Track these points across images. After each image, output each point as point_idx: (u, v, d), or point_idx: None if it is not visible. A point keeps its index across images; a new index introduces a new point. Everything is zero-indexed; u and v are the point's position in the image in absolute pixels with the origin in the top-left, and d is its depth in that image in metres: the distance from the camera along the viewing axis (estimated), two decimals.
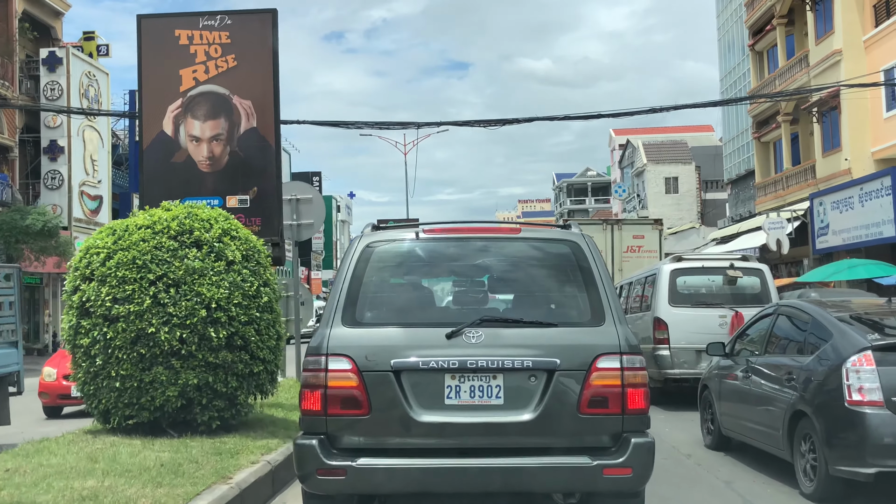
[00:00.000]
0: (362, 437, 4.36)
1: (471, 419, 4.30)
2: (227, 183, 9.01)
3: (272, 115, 9.01)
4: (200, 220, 7.45)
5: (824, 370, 6.10)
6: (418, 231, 4.91)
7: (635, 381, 4.33)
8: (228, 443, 6.88)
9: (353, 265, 4.65)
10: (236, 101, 9.08)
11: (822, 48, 27.17)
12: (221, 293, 7.11)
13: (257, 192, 9.00)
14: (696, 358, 11.02)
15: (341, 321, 4.47)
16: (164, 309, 6.99)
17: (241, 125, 9.05)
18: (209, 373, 7.08)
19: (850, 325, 6.24)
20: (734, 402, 7.74)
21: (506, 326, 4.47)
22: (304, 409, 4.40)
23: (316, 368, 4.36)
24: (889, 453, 5.51)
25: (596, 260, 4.69)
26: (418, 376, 4.33)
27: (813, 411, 6.06)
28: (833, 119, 26.66)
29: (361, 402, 4.29)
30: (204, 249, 7.30)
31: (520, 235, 4.91)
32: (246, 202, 9.00)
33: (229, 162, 9.05)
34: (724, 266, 11.80)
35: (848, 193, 23.47)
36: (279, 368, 7.90)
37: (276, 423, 8.02)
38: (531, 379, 4.32)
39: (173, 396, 7.02)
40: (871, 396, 5.62)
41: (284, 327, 8.16)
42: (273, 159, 9.00)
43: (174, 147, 9.10)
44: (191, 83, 9.11)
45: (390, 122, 19.44)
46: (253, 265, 7.51)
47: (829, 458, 5.81)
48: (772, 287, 11.76)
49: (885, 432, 5.52)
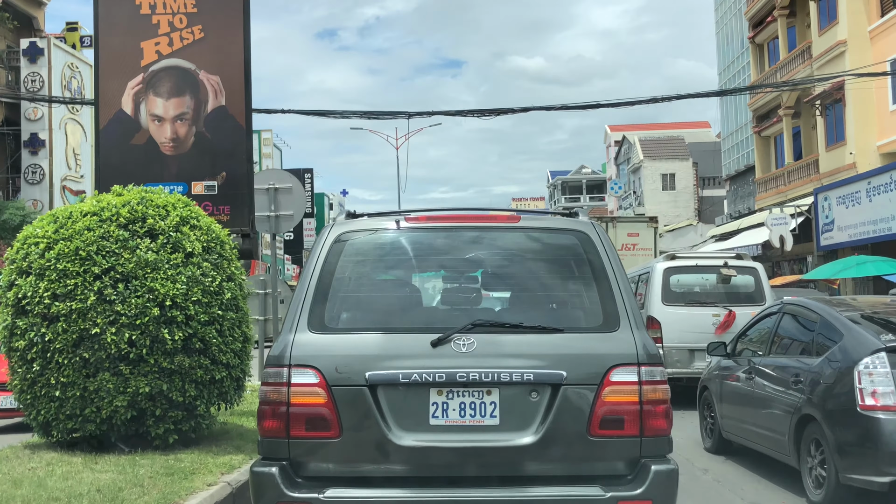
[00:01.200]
0: (332, 464, 3.73)
1: (460, 442, 3.70)
2: (192, 167, 8.12)
3: (242, 93, 8.13)
4: (155, 207, 6.57)
5: (834, 372, 5.75)
6: (400, 219, 4.24)
7: (655, 398, 3.73)
8: (185, 460, 6.02)
9: (322, 259, 3.98)
10: (203, 76, 8.19)
11: (825, 39, 26.44)
12: (178, 289, 6.24)
13: (226, 177, 8.12)
14: (689, 357, 10.96)
15: (307, 326, 3.81)
16: (110, 307, 6.12)
17: (209, 103, 8.16)
18: (163, 380, 6.21)
19: (862, 324, 5.91)
20: (736, 404, 7.42)
21: (502, 332, 3.84)
22: (263, 431, 3.75)
23: (277, 382, 3.72)
24: None
25: (608, 253, 4.04)
26: (398, 392, 3.72)
27: (822, 416, 5.73)
28: (837, 112, 25.92)
29: (330, 423, 3.67)
30: (159, 240, 6.42)
31: (519, 224, 4.23)
32: (213, 188, 8.11)
33: (195, 144, 8.16)
34: (717, 265, 11.65)
35: (855, 188, 22.69)
36: (246, 374, 7.02)
37: (244, 436, 7.14)
38: (532, 394, 3.73)
39: (122, 407, 6.14)
40: (886, 401, 5.32)
41: (253, 328, 7.24)
42: (244, 141, 8.11)
43: (134, 127, 8.20)
44: (153, 57, 8.21)
45: (379, 112, 18.56)
46: (215, 258, 6.63)
47: (839, 465, 5.48)
48: (766, 286, 11.59)
49: None
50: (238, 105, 8.13)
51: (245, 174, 8.09)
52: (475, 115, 18.68)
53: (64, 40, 34.42)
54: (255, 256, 8.22)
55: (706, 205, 50.60)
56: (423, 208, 4.58)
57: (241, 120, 8.10)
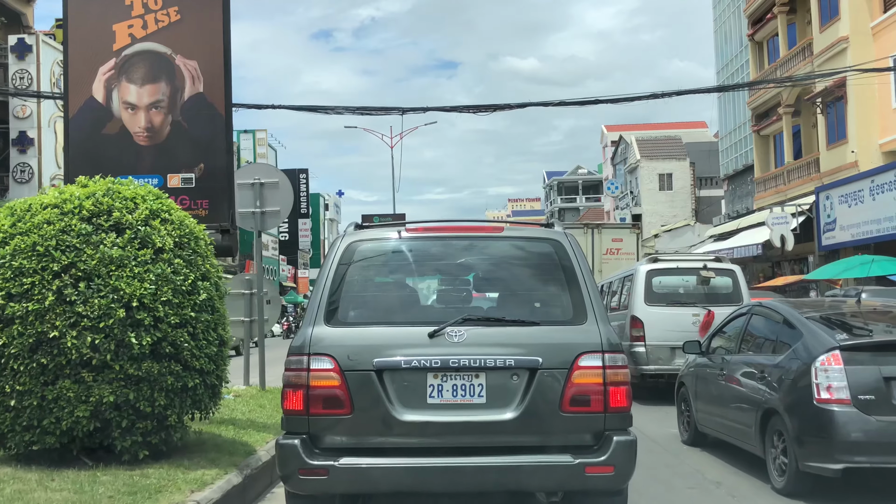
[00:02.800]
0: (344, 437, 4.38)
1: (453, 418, 4.33)
2: (168, 158, 7.59)
3: (222, 79, 7.60)
4: (123, 199, 6.04)
5: (795, 369, 6.25)
6: (401, 230, 4.92)
7: (617, 380, 4.36)
8: (152, 476, 5.49)
9: (336, 264, 4.66)
10: (180, 61, 7.66)
11: (826, 36, 26.03)
12: (146, 288, 5.71)
13: (204, 169, 7.59)
14: (670, 354, 11.47)
15: (324, 320, 4.47)
16: (71, 308, 5.59)
17: (186, 90, 7.63)
18: (130, 388, 5.68)
19: (820, 324, 6.42)
20: (709, 399, 7.87)
21: (488, 325, 4.49)
22: (287, 409, 4.41)
23: (298, 368, 4.37)
24: (856, 449, 5.71)
25: (578, 259, 4.69)
26: (400, 375, 4.35)
27: (784, 409, 6.21)
28: (839, 110, 25.49)
29: (343, 402, 4.31)
30: (126, 234, 5.89)
31: (502, 234, 4.98)
32: (190, 181, 7.58)
33: (171, 134, 7.63)
34: (697, 267, 12.22)
35: (857, 186, 22.24)
36: (223, 381, 6.48)
37: (222, 447, 6.61)
38: (513, 378, 4.36)
39: (84, 418, 5.61)
40: (839, 395, 5.80)
41: (231, 331, 6.71)
42: (223, 130, 7.58)
43: (106, 116, 7.66)
44: (126, 40, 7.67)
45: (373, 108, 18.05)
46: (188, 254, 6.10)
47: (798, 454, 5.97)
48: (743, 287, 12.13)
49: (851, 429, 5.71)
50: (217, 92, 7.60)
51: (225, 166, 7.56)
52: (470, 110, 18.18)
53: (53, 37, 33.77)
54: (236, 253, 7.66)
55: (703, 205, 50.19)
56: (419, 220, 5.30)
57: (220, 108, 7.58)
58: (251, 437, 7.22)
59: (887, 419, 5.67)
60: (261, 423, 8.10)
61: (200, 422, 6.73)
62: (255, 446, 6.91)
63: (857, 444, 5.71)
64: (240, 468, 6.03)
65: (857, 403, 5.75)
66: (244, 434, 7.34)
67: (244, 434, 7.34)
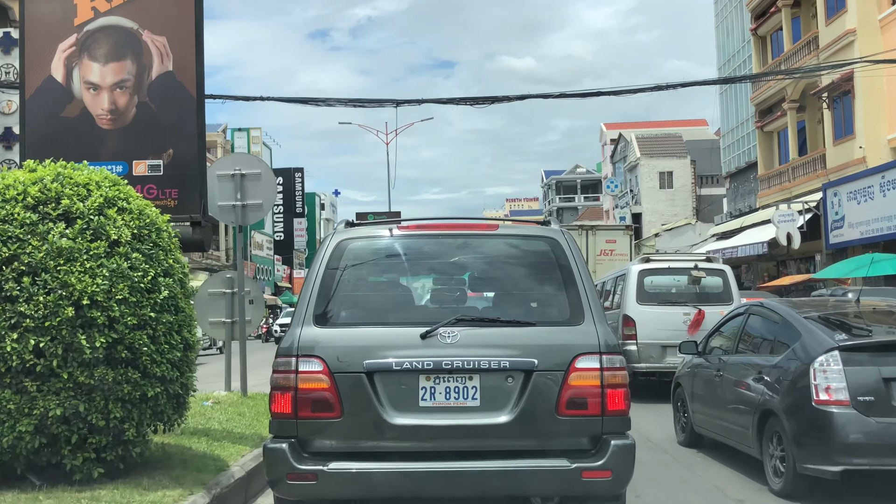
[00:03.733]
0: (334, 441, 4.28)
1: (446, 421, 4.24)
2: (134, 143, 6.91)
3: (193, 56, 6.92)
4: (74, 186, 5.37)
5: (793, 370, 6.19)
6: (393, 227, 4.81)
7: (615, 382, 4.27)
8: (103, 498, 4.82)
9: (325, 263, 4.56)
10: (147, 37, 6.98)
11: (833, 29, 25.39)
12: (99, 285, 5.04)
13: (173, 155, 6.91)
14: (661, 353, 11.71)
15: (312, 321, 4.38)
16: (12, 306, 4.92)
17: (153, 68, 6.95)
18: (80, 398, 5.01)
19: (819, 324, 6.34)
20: (706, 400, 7.79)
21: (482, 326, 4.41)
22: (274, 412, 4.31)
23: (286, 370, 4.27)
24: (855, 451, 5.65)
25: (575, 257, 4.60)
26: (392, 378, 4.26)
27: (781, 410, 6.14)
28: (846, 104, 24.85)
29: (333, 405, 4.23)
30: (77, 225, 5.22)
31: (497, 232, 4.86)
32: (158, 168, 6.90)
33: (137, 116, 6.95)
34: (688, 267, 12.44)
35: (867, 182, 21.59)
36: (189, 389, 5.81)
37: (190, 463, 5.93)
38: (508, 380, 4.28)
39: (27, 433, 4.94)
40: (838, 396, 5.74)
41: (198, 333, 6.02)
42: (194, 113, 6.90)
43: (66, 97, 6.98)
44: (88, 14, 6.98)
45: (366, 100, 17.39)
46: (148, 248, 5.43)
47: (797, 456, 5.90)
48: (733, 286, 12.34)
49: (850, 431, 5.66)
50: (188, 71, 6.92)
51: (196, 152, 6.88)
52: (468, 102, 17.50)
53: None
54: (208, 248, 6.98)
55: (704, 203, 49.56)
56: (413, 217, 5.23)
57: (191, 88, 6.90)
58: (225, 451, 6.54)
59: (887, 420, 5.60)
60: (237, 433, 7.42)
61: (166, 434, 6.04)
62: (229, 461, 6.24)
63: (856, 446, 5.66)
64: (207, 487, 5.36)
65: (857, 405, 5.69)
66: (217, 447, 6.65)
67: (217, 447, 6.65)
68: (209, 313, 10.06)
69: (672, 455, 7.97)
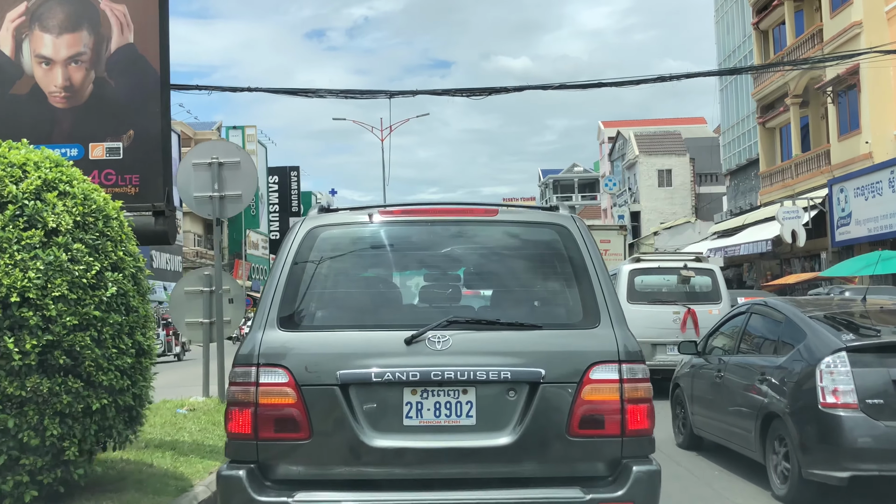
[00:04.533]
0: (302, 467, 3.66)
1: (436, 443, 3.63)
2: (90, 124, 6.20)
3: (157, 26, 6.22)
4: (8, 166, 4.66)
5: (798, 371, 5.97)
6: (373, 213, 4.11)
7: (637, 396, 3.67)
8: None
9: (293, 255, 3.91)
10: (105, 5, 6.26)
11: (838, 21, 24.80)
12: (32, 280, 4.34)
13: (134, 136, 6.20)
14: (651, 350, 11.72)
15: (277, 323, 3.74)
16: None
17: (112, 40, 6.24)
18: (9, 412, 4.30)
19: (825, 325, 6.10)
20: (706, 401, 7.60)
21: (479, 329, 3.74)
22: (231, 433, 3.67)
23: (245, 382, 3.63)
24: (863, 456, 5.44)
25: (589, 248, 4.00)
26: (371, 391, 3.64)
27: (786, 413, 5.95)
28: (851, 99, 24.25)
29: (300, 424, 3.60)
30: (8, 210, 4.51)
31: (496, 218, 4.15)
32: (118, 152, 6.18)
33: (94, 93, 6.24)
34: (678, 266, 12.64)
35: (875, 178, 20.97)
36: (144, 400, 5.10)
37: (147, 483, 5.23)
38: (510, 393, 3.67)
39: None
40: (846, 399, 5.52)
41: (156, 336, 5.31)
42: (157, 89, 6.19)
43: (15, 73, 6.27)
44: None
45: (357, 91, 16.69)
46: (94, 238, 4.72)
47: (802, 461, 5.71)
48: (722, 286, 12.57)
49: (859, 435, 5.44)
50: (151, 43, 6.21)
51: (160, 133, 6.17)
52: (464, 93, 16.84)
53: None
54: (173, 240, 6.26)
55: (703, 202, 48.97)
56: (399, 203, 4.36)
57: (154, 62, 6.19)
58: (191, 467, 5.85)
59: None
60: (209, 445, 6.72)
61: (118, 451, 5.34)
62: (193, 479, 5.55)
63: (864, 451, 5.43)
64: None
65: (865, 408, 5.47)
66: (183, 462, 5.96)
67: (183, 462, 5.96)
68: (186, 313, 9.40)
69: (671, 457, 7.62)
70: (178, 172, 8.92)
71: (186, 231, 47.61)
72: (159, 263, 38.85)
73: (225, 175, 8.90)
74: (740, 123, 36.27)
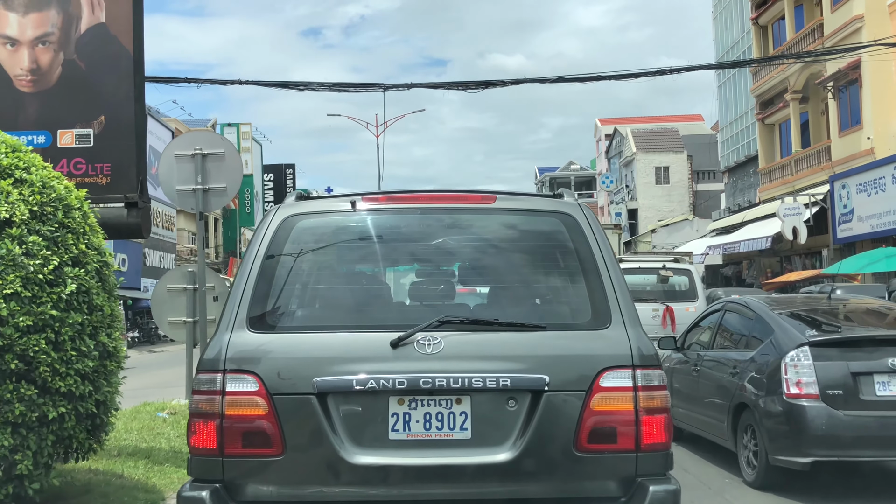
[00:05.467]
0: (273, 487, 3.23)
1: (425, 460, 3.21)
2: (59, 109, 5.80)
3: (129, 4, 5.81)
4: None
5: (765, 364, 6.36)
6: (356, 200, 3.72)
7: (653, 405, 3.24)
8: None
9: (266, 247, 3.51)
10: None
11: (839, 15, 24.47)
12: None
13: (106, 122, 5.80)
14: None
15: (246, 324, 3.31)
16: None
17: (82, 20, 5.84)
18: None
19: (791, 321, 6.53)
20: (684, 394, 7.84)
21: (475, 330, 3.32)
22: (194, 447, 3.24)
23: (209, 390, 3.21)
24: (824, 443, 5.83)
25: (598, 239, 3.60)
26: (352, 401, 3.22)
27: (754, 404, 6.28)
28: (852, 94, 23.91)
29: (272, 438, 3.18)
30: None
31: (494, 206, 3.77)
32: (88, 139, 5.78)
33: (63, 77, 5.84)
34: (657, 267, 13.29)
35: (878, 174, 20.64)
36: (110, 407, 4.69)
37: (113, 497, 4.83)
38: (509, 403, 3.25)
39: None
40: (808, 390, 5.92)
41: (122, 338, 4.90)
42: (130, 72, 5.79)
43: None
44: None
45: (350, 84, 16.28)
46: (52, 230, 4.32)
47: (769, 448, 6.06)
48: (698, 285, 13.32)
49: (820, 424, 5.82)
50: (124, 22, 5.81)
51: (133, 118, 5.77)
52: (460, 87, 16.45)
53: None
54: (147, 234, 5.84)
55: (701, 199, 48.69)
56: (385, 191, 3.92)
57: (127, 43, 5.79)
58: (165, 478, 5.46)
59: (854, 413, 5.79)
60: (187, 452, 6.30)
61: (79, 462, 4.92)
62: (165, 491, 5.15)
63: (825, 438, 5.82)
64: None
65: (826, 398, 5.87)
66: (157, 472, 5.56)
67: (157, 472, 5.56)
68: (168, 311, 8.99)
69: None
70: (160, 164, 8.52)
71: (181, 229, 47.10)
72: (152, 261, 38.33)
73: (209, 167, 8.42)
74: (739, 120, 35.97)
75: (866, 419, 5.80)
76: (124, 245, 29.18)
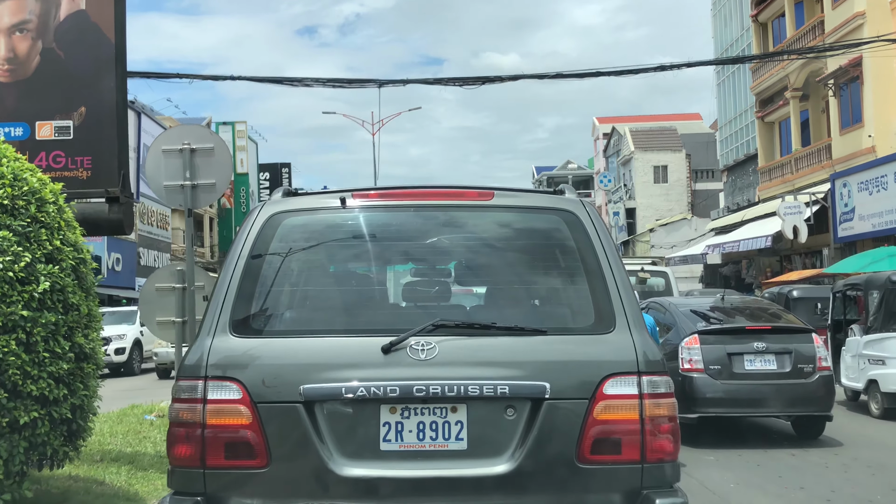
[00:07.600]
0: (258, 500, 3.07)
1: (419, 472, 3.05)
2: (37, 100, 5.57)
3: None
4: None
5: (670, 347, 8.82)
6: (346, 196, 3.53)
7: (660, 414, 3.10)
8: None
9: (250, 246, 3.31)
10: None
11: (840, 12, 24.26)
12: None
13: (86, 114, 5.57)
14: None
15: (229, 328, 3.15)
16: None
17: (62, 7, 5.61)
18: None
19: (688, 316, 9.24)
20: None
21: (471, 335, 3.16)
22: (174, 458, 3.09)
23: (190, 399, 3.07)
24: (707, 403, 8.55)
25: (601, 237, 3.41)
26: (341, 410, 3.08)
27: None
28: (853, 91, 23.70)
29: (256, 449, 3.04)
30: None
31: (492, 203, 3.57)
32: (67, 131, 5.55)
33: (42, 66, 5.61)
34: (636, 269, 14.44)
35: (880, 172, 20.44)
36: (88, 412, 4.45)
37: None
38: (508, 411, 3.10)
39: None
40: (697, 366, 8.59)
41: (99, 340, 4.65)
42: (112, 61, 5.55)
43: None
44: None
45: (345, 80, 16.05)
46: (23, 224, 4.08)
47: None
48: (674, 285, 14.60)
49: (704, 390, 8.52)
50: (105, 9, 5.58)
51: (114, 110, 5.54)
52: (457, 83, 16.24)
53: None
54: (130, 230, 5.59)
55: (699, 198, 48.50)
56: (377, 187, 3.81)
57: (108, 31, 5.56)
58: (148, 484, 5.22)
59: (728, 382, 8.51)
60: None
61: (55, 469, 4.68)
62: (148, 499, 4.93)
63: (707, 400, 8.49)
64: None
65: (709, 371, 8.53)
66: (140, 479, 5.33)
67: (140, 479, 5.33)
68: (157, 311, 8.75)
69: None
70: (147, 159, 8.29)
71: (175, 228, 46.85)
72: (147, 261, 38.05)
73: (197, 162, 8.18)
74: (738, 118, 35.76)
75: (738, 386, 8.45)
76: (118, 244, 28.91)
